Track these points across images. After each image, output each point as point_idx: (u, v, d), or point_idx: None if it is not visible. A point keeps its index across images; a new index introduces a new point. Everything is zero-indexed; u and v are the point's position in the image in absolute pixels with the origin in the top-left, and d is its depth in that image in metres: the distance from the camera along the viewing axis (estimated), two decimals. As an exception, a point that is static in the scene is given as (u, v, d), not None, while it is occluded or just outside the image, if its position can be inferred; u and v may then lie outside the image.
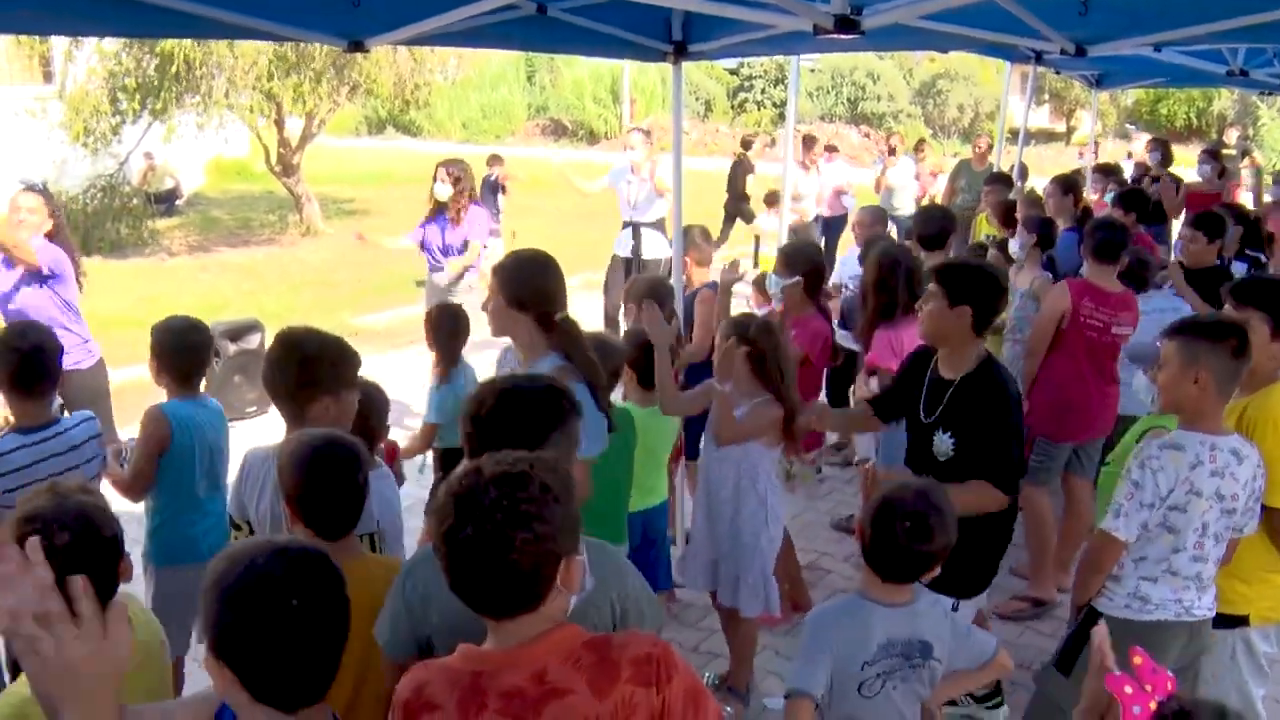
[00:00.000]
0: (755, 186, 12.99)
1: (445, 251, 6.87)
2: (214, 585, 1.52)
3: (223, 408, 3.89)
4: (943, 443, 3.29)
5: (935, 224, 5.70)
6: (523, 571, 1.64)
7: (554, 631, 1.70)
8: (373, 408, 3.31)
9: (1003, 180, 8.02)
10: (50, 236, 5.18)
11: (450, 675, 1.70)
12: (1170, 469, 2.75)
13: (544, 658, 1.67)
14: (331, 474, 2.32)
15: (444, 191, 6.81)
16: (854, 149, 28.41)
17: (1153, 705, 1.65)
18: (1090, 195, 8.59)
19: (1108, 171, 9.41)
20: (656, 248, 7.93)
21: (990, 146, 10.41)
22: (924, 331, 3.47)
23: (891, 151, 11.91)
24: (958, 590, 3.26)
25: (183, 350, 3.63)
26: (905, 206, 11.34)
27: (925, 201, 11.24)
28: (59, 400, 3.83)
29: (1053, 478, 4.88)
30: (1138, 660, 1.72)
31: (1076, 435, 4.80)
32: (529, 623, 1.69)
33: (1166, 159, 9.85)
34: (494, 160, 11.40)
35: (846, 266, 6.54)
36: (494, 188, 10.94)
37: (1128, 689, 1.68)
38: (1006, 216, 7.08)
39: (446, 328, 4.85)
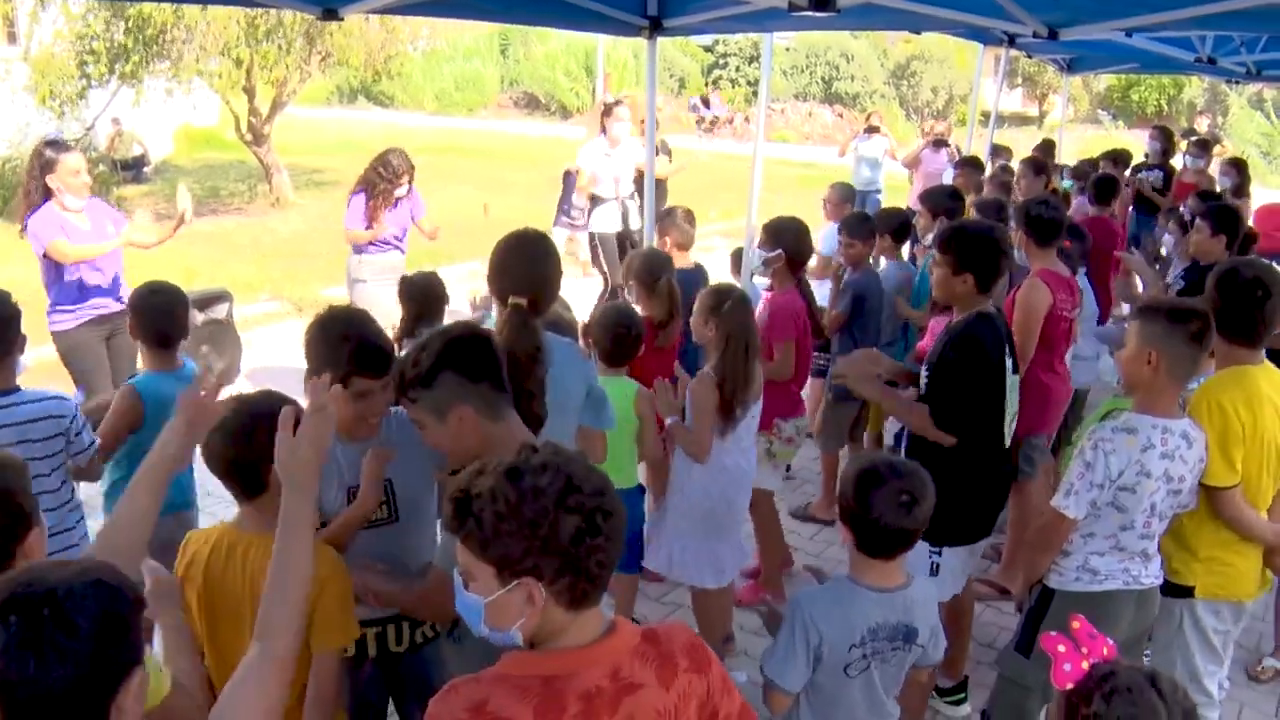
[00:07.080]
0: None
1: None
2: None
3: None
4: (924, 379, 3.58)
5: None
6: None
7: (620, 627, 1.68)
8: None
9: (973, 164, 8.08)
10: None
11: (515, 686, 1.58)
12: (1123, 451, 2.82)
13: (617, 653, 1.65)
14: None
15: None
16: (827, 129, 28.49)
17: (1085, 665, 1.72)
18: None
19: (1117, 160, 9.39)
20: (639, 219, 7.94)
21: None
22: (936, 294, 3.77)
23: (873, 130, 11.60)
24: (937, 536, 3.34)
25: (154, 312, 3.72)
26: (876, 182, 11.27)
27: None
28: None
29: (1039, 471, 4.79)
30: (1075, 625, 1.79)
31: (1051, 425, 4.77)
32: (596, 615, 1.66)
33: (1168, 149, 9.83)
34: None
35: (827, 241, 6.55)
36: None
37: (1061, 647, 1.75)
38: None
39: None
